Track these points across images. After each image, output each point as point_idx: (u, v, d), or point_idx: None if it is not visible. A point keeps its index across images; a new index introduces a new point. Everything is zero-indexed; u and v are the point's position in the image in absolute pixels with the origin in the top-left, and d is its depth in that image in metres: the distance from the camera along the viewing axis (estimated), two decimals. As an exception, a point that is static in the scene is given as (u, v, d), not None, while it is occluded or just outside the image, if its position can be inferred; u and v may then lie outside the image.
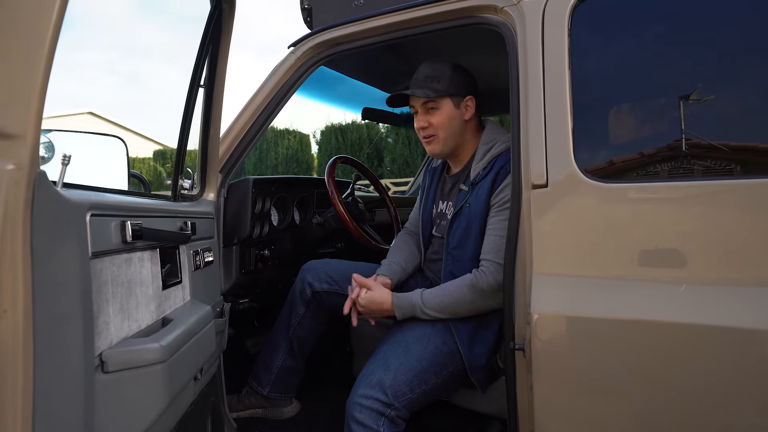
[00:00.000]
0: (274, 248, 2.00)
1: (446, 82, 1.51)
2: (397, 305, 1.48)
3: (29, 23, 0.67)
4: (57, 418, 0.72)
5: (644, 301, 1.05)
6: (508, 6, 1.31)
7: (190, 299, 1.28)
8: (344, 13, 1.62)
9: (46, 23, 0.68)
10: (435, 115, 1.53)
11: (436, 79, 1.51)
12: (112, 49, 40.61)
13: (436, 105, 1.52)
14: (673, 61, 1.20)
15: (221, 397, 1.65)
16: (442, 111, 1.53)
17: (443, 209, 1.65)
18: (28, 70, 0.67)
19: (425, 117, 1.54)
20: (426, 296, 1.46)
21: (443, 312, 1.44)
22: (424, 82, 1.52)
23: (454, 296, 1.43)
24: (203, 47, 1.37)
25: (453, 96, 1.53)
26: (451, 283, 1.46)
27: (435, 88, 1.50)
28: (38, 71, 0.67)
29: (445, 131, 1.54)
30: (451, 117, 1.53)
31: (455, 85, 1.53)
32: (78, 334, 0.76)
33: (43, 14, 0.67)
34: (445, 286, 1.47)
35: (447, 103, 1.53)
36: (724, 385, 0.98)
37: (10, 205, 0.64)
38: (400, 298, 1.49)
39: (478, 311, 1.43)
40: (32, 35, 0.67)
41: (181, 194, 1.43)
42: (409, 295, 1.49)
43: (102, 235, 0.86)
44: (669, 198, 1.09)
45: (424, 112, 1.55)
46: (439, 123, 1.53)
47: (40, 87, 0.67)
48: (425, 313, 1.45)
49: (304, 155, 12.68)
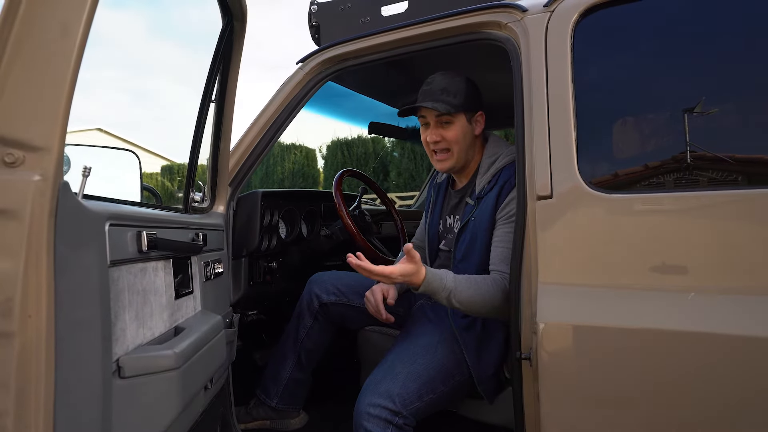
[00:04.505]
0: (282, 260, 2.02)
1: (462, 97, 1.51)
2: (428, 280, 1.33)
3: (56, 46, 0.71)
4: (77, 421, 0.74)
5: (650, 310, 1.06)
6: (512, 22, 1.34)
7: (201, 309, 1.30)
8: (351, 29, 1.66)
9: (71, 44, 0.71)
10: (449, 130, 1.52)
11: (452, 92, 1.50)
12: (124, 66, 41.30)
13: (451, 119, 1.51)
14: (675, 73, 1.22)
15: (230, 408, 1.67)
16: (456, 125, 1.52)
17: (451, 224, 1.66)
18: (54, 86, 0.70)
19: (438, 130, 1.53)
20: (458, 286, 1.35)
21: (468, 306, 1.36)
22: (440, 95, 1.50)
23: (484, 293, 1.36)
24: (215, 63, 1.41)
25: (467, 111, 1.53)
26: (482, 279, 1.39)
27: (452, 102, 1.49)
28: (63, 88, 0.70)
29: (458, 146, 1.53)
30: (464, 132, 1.53)
31: (470, 100, 1.53)
32: (97, 340, 0.79)
33: (69, 37, 0.71)
34: (475, 280, 1.38)
35: (461, 118, 1.52)
36: (732, 394, 0.98)
37: (35, 215, 0.68)
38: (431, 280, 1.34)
39: (495, 315, 1.39)
40: (58, 54, 0.71)
41: (192, 207, 1.46)
42: (441, 275, 1.36)
43: (119, 245, 0.89)
44: (673, 208, 1.11)
45: (437, 125, 1.53)
46: (453, 137, 1.52)
47: (65, 102, 0.70)
48: (450, 301, 1.35)
49: (310, 170, 12.73)
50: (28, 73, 0.70)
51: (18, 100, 0.69)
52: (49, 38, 0.71)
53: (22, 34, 0.69)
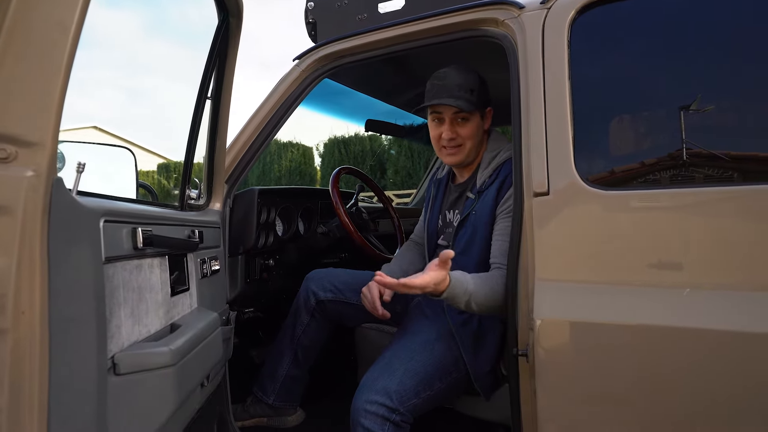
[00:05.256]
0: (279, 258, 2.02)
1: (478, 94, 1.50)
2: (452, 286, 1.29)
3: (49, 40, 0.71)
4: (71, 418, 0.74)
5: (646, 306, 1.06)
6: (509, 19, 1.34)
7: (197, 306, 1.30)
8: (348, 26, 1.66)
9: (65, 38, 0.71)
10: (465, 127, 1.51)
11: (470, 89, 1.49)
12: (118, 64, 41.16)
13: (468, 116, 1.51)
14: (672, 70, 1.22)
15: (227, 406, 1.66)
16: (472, 122, 1.52)
17: (450, 218, 1.66)
18: (48, 80, 0.70)
19: (454, 128, 1.51)
20: (477, 289, 1.32)
21: (482, 306, 1.33)
22: (458, 92, 1.47)
23: (496, 292, 1.33)
24: (210, 60, 1.40)
25: (481, 108, 1.53)
26: (492, 277, 1.37)
27: (471, 100, 1.48)
28: (57, 82, 0.70)
29: (472, 141, 1.53)
30: (478, 128, 1.53)
31: (483, 97, 1.52)
32: (91, 337, 0.78)
33: (63, 30, 0.71)
34: (488, 278, 1.37)
35: (476, 115, 1.52)
36: (727, 390, 0.99)
37: (28, 211, 0.67)
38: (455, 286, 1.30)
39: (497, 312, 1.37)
40: (52, 48, 0.70)
41: (189, 204, 1.45)
42: (462, 281, 1.31)
43: (114, 241, 0.88)
44: (669, 205, 1.11)
45: (453, 122, 1.51)
46: (467, 134, 1.52)
47: (58, 97, 0.70)
48: (470, 305, 1.32)
49: (307, 168, 12.74)
50: (21, 67, 0.69)
51: (11, 94, 0.69)
52: (42, 32, 0.70)
53: (15, 27, 0.69)
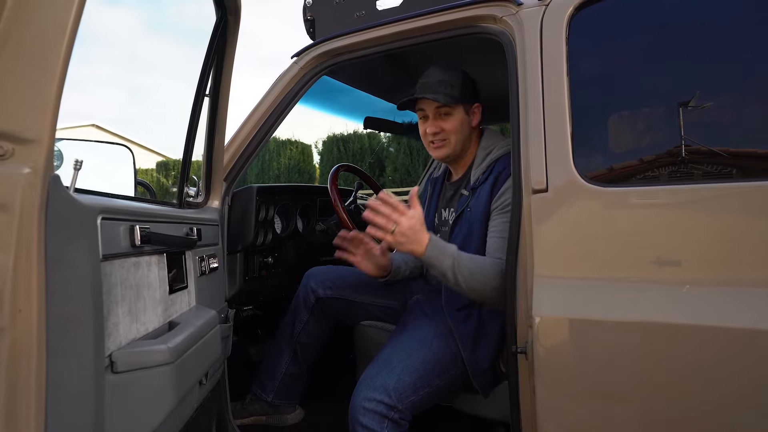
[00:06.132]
0: (278, 256, 2.02)
1: (459, 89, 1.53)
2: (432, 245, 1.35)
3: (46, 38, 0.70)
4: (68, 416, 0.73)
5: (645, 303, 1.06)
6: (507, 15, 1.34)
7: (196, 304, 1.30)
8: (346, 23, 1.65)
9: (61, 34, 0.70)
10: (448, 121, 1.54)
11: (450, 84, 1.53)
12: (117, 62, 41.11)
13: (450, 111, 1.54)
14: (670, 67, 1.22)
15: (225, 404, 1.66)
16: (455, 117, 1.55)
17: (446, 216, 1.67)
18: (44, 77, 0.69)
19: (437, 122, 1.55)
20: (461, 255, 1.36)
21: (469, 279, 1.34)
22: (438, 87, 1.52)
23: (484, 271, 1.36)
24: (209, 58, 1.40)
25: (465, 102, 1.55)
26: (483, 260, 1.40)
27: (451, 94, 1.52)
28: (54, 79, 0.69)
29: (456, 135, 1.56)
30: (462, 123, 1.56)
31: (467, 92, 1.55)
32: (89, 335, 0.78)
33: (59, 27, 0.70)
34: (478, 259, 1.39)
35: (459, 109, 1.55)
36: (727, 387, 0.99)
37: (25, 208, 0.67)
38: (438, 241, 1.37)
39: (492, 301, 1.38)
40: (48, 45, 0.70)
41: (187, 201, 1.45)
42: (446, 244, 1.38)
43: (112, 239, 0.88)
44: (668, 202, 1.11)
45: (436, 117, 1.56)
46: (451, 128, 1.55)
47: (55, 94, 0.69)
48: (454, 271, 1.34)
49: (305, 165, 12.74)
50: (17, 64, 0.69)
51: (7, 91, 0.68)
52: (39, 29, 0.70)
53: (11, 25, 0.68)
